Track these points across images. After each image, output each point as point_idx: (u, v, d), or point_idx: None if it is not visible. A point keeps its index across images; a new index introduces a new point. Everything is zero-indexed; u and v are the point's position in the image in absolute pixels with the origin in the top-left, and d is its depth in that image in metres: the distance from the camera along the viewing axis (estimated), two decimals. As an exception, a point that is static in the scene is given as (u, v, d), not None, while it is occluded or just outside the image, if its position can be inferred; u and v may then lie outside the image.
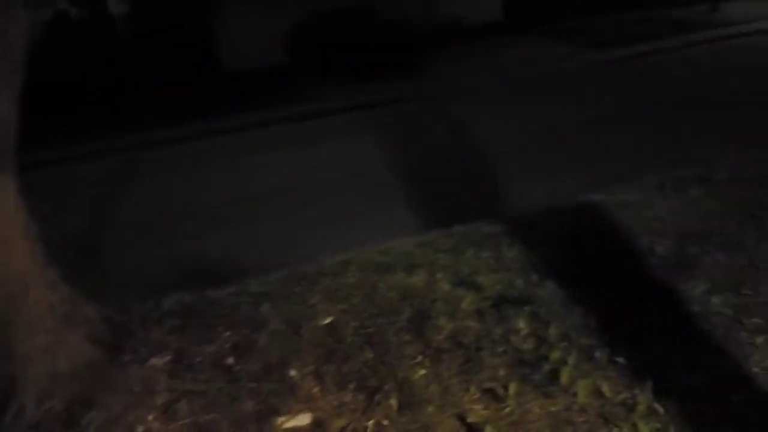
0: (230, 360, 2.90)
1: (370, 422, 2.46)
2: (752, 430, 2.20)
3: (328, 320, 3.10)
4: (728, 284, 3.00)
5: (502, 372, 2.62)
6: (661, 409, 2.30)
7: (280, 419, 2.52)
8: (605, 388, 2.45)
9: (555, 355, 2.66)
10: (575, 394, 2.45)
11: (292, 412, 2.55)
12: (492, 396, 2.51)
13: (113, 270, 4.24)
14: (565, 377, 2.53)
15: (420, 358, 2.77)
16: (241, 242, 4.48)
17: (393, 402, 2.53)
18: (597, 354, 2.63)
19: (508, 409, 2.43)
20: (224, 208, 5.16)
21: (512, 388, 2.52)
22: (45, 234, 2.81)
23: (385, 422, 2.45)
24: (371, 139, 6.51)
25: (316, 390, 2.66)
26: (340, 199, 5.07)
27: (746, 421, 2.23)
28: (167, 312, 3.33)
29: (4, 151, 2.68)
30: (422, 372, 2.68)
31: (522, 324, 2.88)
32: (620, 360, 2.58)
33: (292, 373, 2.77)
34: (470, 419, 2.41)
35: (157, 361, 2.87)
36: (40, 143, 6.29)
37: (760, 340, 2.60)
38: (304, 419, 2.51)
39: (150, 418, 2.55)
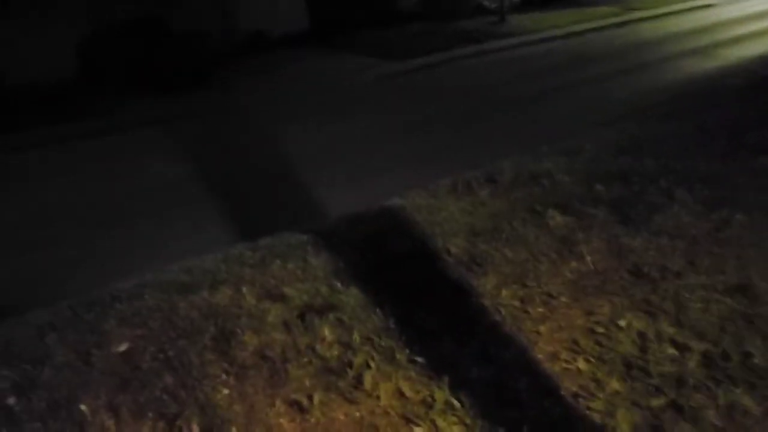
0: (11, 400, 2.61)
1: (170, 451, 2.33)
2: (537, 413, 2.37)
3: (122, 347, 2.90)
4: (515, 277, 3.23)
5: (308, 382, 2.60)
6: (457, 403, 2.42)
7: (68, 461, 2.31)
8: (406, 389, 2.52)
9: (359, 359, 2.70)
10: (378, 397, 2.50)
11: (82, 452, 2.34)
12: (298, 408, 2.49)
13: None
14: (368, 381, 2.57)
15: (224, 377, 2.68)
16: (22, 271, 4.08)
17: (194, 427, 2.42)
18: (398, 355, 2.71)
19: (313, 420, 2.42)
20: (9, 234, 4.68)
21: (317, 397, 2.52)
22: None
23: (186, 450, 2.33)
24: (170, 155, 6.26)
25: (109, 424, 2.47)
26: (140, 217, 4.80)
27: (531, 405, 2.40)
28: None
29: None
30: (226, 392, 2.60)
31: (327, 332, 2.89)
32: (419, 359, 2.67)
33: (83, 407, 2.55)
34: (276, 435, 2.37)
35: None
36: None
37: (543, 327, 2.83)
38: (95, 458, 2.31)
39: None
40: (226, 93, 8.48)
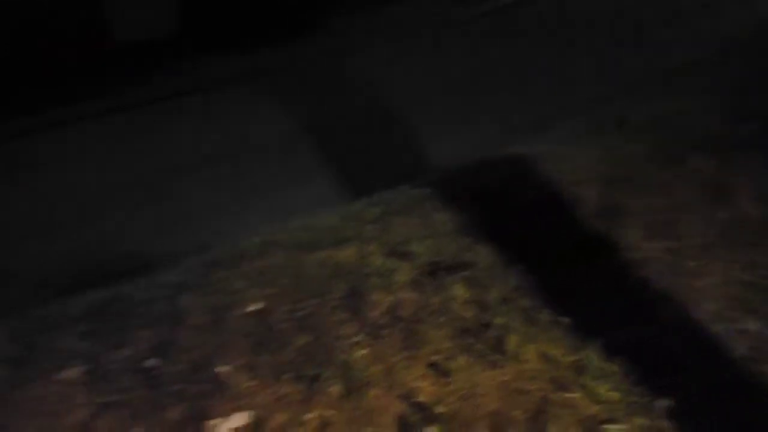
0: (150, 362, 2.64)
1: (313, 414, 2.27)
2: (703, 378, 2.16)
3: (255, 307, 2.88)
4: (660, 228, 2.97)
5: (445, 344, 2.49)
6: (612, 367, 2.24)
7: (212, 423, 2.31)
8: (553, 351, 2.36)
9: (498, 321, 2.55)
10: (523, 361, 2.35)
11: (225, 414, 2.33)
12: (438, 371, 2.38)
13: (10, 272, 3.83)
14: (511, 344, 2.43)
15: (359, 337, 2.60)
16: (148, 228, 4.15)
17: (335, 389, 2.36)
18: (540, 315, 2.54)
19: (456, 384, 2.31)
20: (126, 192, 4.77)
21: (458, 360, 2.40)
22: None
23: (329, 412, 2.27)
24: (277, 107, 6.20)
25: (249, 385, 2.45)
26: (252, 174, 4.78)
27: (696, 369, 2.19)
28: (73, 315, 3.01)
29: None
30: (362, 352, 2.52)
31: (460, 291, 2.75)
32: (564, 319, 2.50)
33: (221, 369, 2.54)
34: (418, 398, 2.28)
35: (68, 374, 2.57)
36: None
37: (699, 283, 2.58)
38: (239, 419, 2.30)
39: (66, 439, 2.29)
40: (328, 40, 8.33)
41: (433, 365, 2.41)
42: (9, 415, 2.36)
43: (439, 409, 2.21)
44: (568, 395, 2.19)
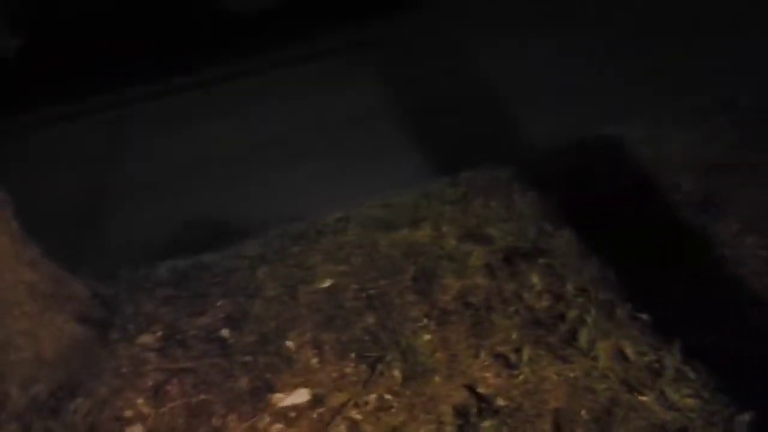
0: (224, 332, 2.72)
1: (373, 396, 2.27)
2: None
3: (327, 283, 2.90)
4: (764, 222, 2.73)
5: (514, 334, 2.40)
6: (691, 373, 2.08)
7: (276, 396, 2.35)
8: (628, 350, 2.23)
9: (572, 313, 2.43)
10: (595, 358, 2.24)
11: (289, 388, 2.37)
12: (504, 362, 2.31)
13: (106, 235, 4.05)
14: (583, 338, 2.31)
15: (425, 321, 2.56)
16: (238, 199, 4.25)
17: (396, 373, 2.34)
18: (618, 310, 2.40)
19: (521, 377, 2.23)
20: (222, 162, 4.91)
21: (526, 352, 2.31)
22: (34, 201, 2.63)
23: (389, 396, 2.26)
24: (366, 83, 6.17)
25: (314, 361, 2.47)
26: (339, 148, 4.80)
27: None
28: (160, 280, 3.15)
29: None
30: (428, 337, 2.48)
31: (535, 279, 2.65)
32: (644, 316, 2.35)
33: (289, 343, 2.58)
34: (481, 389, 2.22)
35: (147, 338, 2.69)
36: (28, 104, 6.05)
37: (800, 287, 2.36)
38: (301, 395, 2.33)
39: (139, 401, 2.39)
40: (433, 12, 8.15)
41: (499, 356, 2.34)
42: (87, 374, 2.50)
43: (501, 402, 2.15)
44: (640, 398, 2.07)
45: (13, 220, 2.63)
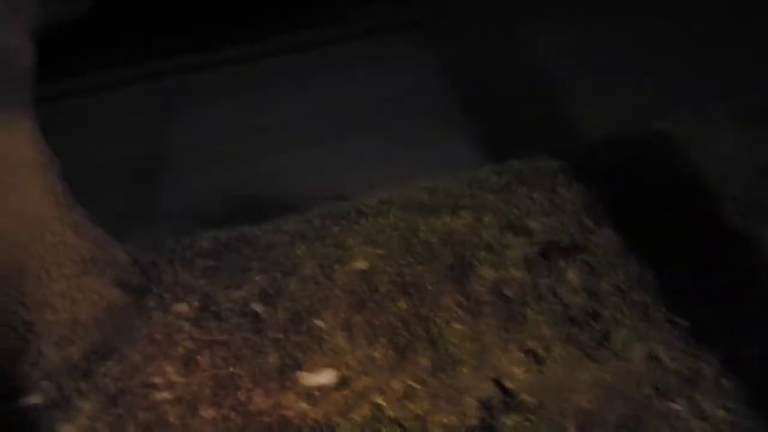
0: (258, 307, 2.76)
1: (399, 382, 2.28)
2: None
3: (363, 266, 2.91)
4: (815, 232, 2.62)
5: (546, 331, 2.37)
6: (727, 384, 2.02)
7: (303, 375, 2.38)
8: (662, 354, 2.18)
9: (607, 313, 2.39)
10: (627, 360, 2.19)
11: (316, 368, 2.40)
12: (534, 358, 2.28)
13: (152, 203, 4.14)
14: (616, 339, 2.27)
15: (458, 311, 2.55)
16: (284, 173, 4.27)
17: (425, 361, 2.34)
18: (655, 313, 2.34)
19: (550, 374, 2.20)
20: (271, 134, 4.93)
21: (557, 349, 2.28)
22: (83, 166, 2.68)
23: (415, 383, 2.26)
24: (417, 63, 6.09)
25: (343, 343, 2.49)
26: (388, 127, 4.77)
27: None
28: (200, 251, 3.20)
29: (18, 86, 2.54)
30: (459, 327, 2.47)
31: (572, 276, 2.60)
32: (681, 321, 2.28)
33: (320, 323, 2.60)
34: (507, 384, 2.20)
35: (181, 308, 2.75)
36: (84, 68, 6.17)
37: None
38: (327, 376, 2.35)
39: (169, 369, 2.45)
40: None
41: (529, 351, 2.31)
42: (121, 339, 2.57)
43: (526, 397, 2.12)
44: (670, 405, 2.02)
45: (59, 183, 2.69)
